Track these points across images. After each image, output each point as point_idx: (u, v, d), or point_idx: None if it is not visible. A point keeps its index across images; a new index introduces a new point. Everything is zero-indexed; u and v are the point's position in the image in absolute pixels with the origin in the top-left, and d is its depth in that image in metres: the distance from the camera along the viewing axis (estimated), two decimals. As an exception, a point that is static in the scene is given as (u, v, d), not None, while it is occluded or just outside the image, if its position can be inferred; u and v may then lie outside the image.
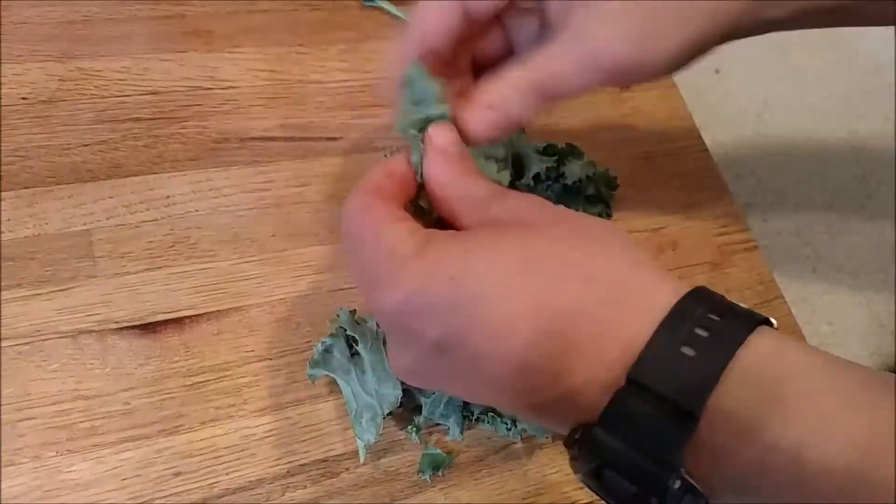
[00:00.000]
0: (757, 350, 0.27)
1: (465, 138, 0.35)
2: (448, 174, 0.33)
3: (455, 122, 0.35)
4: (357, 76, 0.56)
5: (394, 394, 0.41)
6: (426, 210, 0.35)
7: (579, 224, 0.31)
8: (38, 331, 0.42)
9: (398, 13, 0.59)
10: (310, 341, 0.45)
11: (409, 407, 0.44)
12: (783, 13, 0.38)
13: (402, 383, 0.41)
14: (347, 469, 0.43)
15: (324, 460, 0.42)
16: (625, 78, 0.36)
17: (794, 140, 0.70)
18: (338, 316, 0.43)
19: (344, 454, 0.43)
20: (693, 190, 0.58)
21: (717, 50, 0.38)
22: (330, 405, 0.44)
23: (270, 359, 0.44)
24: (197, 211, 0.48)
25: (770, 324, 0.28)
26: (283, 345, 0.45)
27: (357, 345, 0.42)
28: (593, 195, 0.53)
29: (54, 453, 0.40)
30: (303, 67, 0.55)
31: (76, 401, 0.41)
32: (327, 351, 0.42)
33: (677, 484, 0.26)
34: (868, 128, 0.72)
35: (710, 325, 0.27)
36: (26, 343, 0.42)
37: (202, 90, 0.52)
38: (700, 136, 0.61)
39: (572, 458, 0.29)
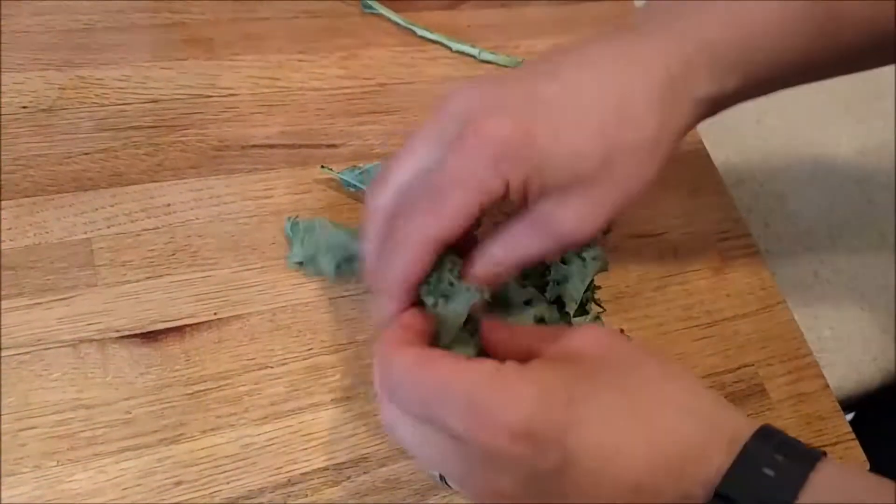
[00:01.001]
0: (827, 471, 0.31)
1: None
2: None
3: None
4: (357, 83, 0.56)
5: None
6: None
7: (654, 362, 0.35)
8: (39, 340, 0.42)
9: (398, 20, 0.59)
10: (311, 349, 0.45)
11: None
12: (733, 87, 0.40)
13: None
14: (349, 478, 0.42)
15: (325, 469, 0.42)
16: None
17: (795, 145, 0.70)
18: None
19: (345, 463, 0.43)
20: (694, 195, 0.58)
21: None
22: (331, 413, 0.44)
23: (271, 367, 0.44)
24: (198, 219, 0.48)
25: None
26: (284, 353, 0.45)
27: None
28: (594, 201, 0.53)
29: (55, 463, 0.40)
30: (303, 74, 0.55)
31: (77, 410, 0.41)
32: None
33: None
34: (868, 131, 0.72)
35: (787, 452, 0.31)
36: (27, 352, 0.42)
37: (202, 98, 0.52)
38: (701, 142, 0.61)
39: None
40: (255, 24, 0.56)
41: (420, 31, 0.59)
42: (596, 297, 0.48)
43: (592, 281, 0.48)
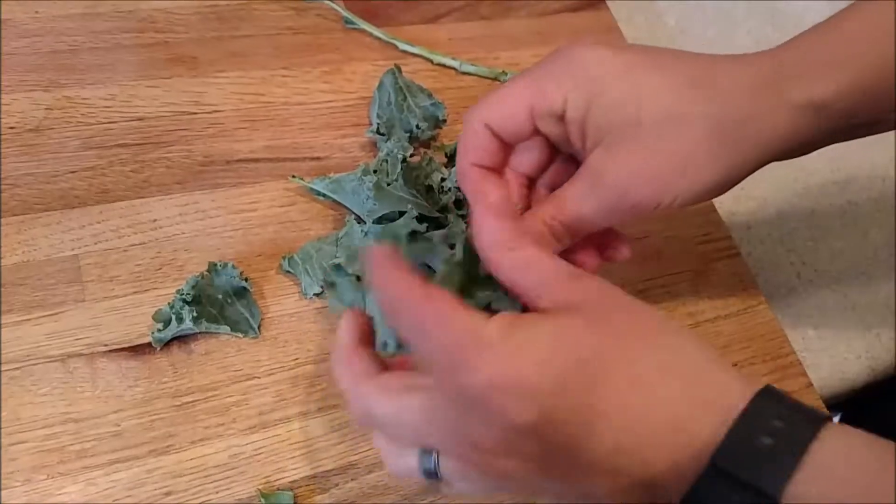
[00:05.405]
0: (827, 444, 0.29)
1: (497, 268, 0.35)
2: (512, 245, 0.34)
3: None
4: (340, 97, 0.57)
5: None
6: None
7: (652, 319, 0.33)
8: (29, 355, 0.43)
9: (380, 34, 0.60)
10: (297, 359, 0.46)
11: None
12: (834, 125, 0.38)
13: None
14: (337, 485, 0.43)
15: (313, 476, 0.43)
16: (650, 214, 0.38)
17: (775, 148, 0.71)
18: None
19: (333, 470, 0.43)
20: (675, 200, 0.58)
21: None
22: (318, 422, 0.44)
23: (258, 377, 0.45)
24: (184, 233, 0.48)
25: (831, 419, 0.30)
26: (271, 363, 0.45)
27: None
28: (575, 207, 0.54)
29: (45, 476, 0.40)
30: (286, 90, 0.56)
31: (66, 424, 0.41)
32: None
33: None
34: (848, 134, 0.73)
35: (785, 417, 0.29)
36: (17, 368, 0.42)
37: (187, 115, 0.53)
38: (681, 147, 0.61)
39: None
40: (239, 41, 0.57)
41: (401, 45, 0.60)
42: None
43: None
